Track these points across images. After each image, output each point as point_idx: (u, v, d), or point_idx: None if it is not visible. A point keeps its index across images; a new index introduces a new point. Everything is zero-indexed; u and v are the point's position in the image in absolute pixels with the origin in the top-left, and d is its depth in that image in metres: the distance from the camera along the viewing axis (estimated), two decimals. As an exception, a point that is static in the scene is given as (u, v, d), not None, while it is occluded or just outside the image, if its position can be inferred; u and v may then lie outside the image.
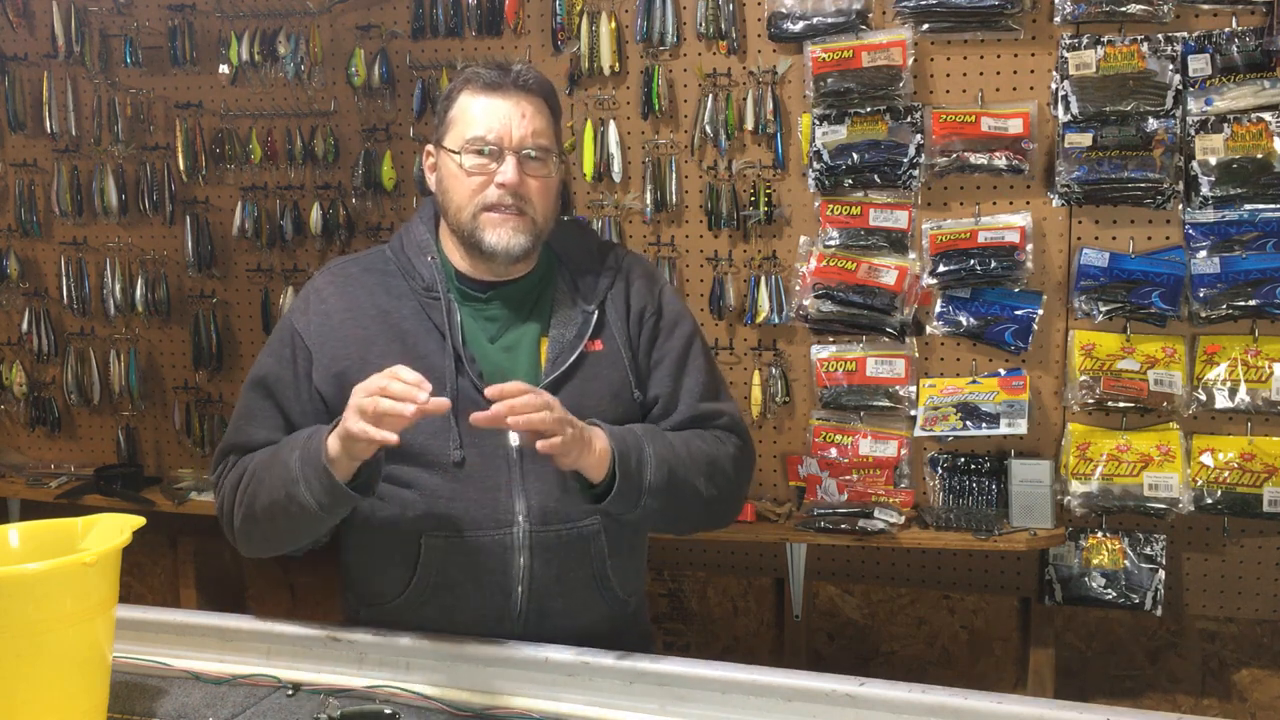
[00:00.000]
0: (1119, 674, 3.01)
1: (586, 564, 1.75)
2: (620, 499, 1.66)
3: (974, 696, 1.45)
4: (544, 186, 1.76)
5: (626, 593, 1.83)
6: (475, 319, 1.78)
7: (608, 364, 1.79)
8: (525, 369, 1.75)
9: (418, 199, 3.30)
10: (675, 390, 1.82)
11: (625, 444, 1.67)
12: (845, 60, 2.87)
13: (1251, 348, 2.74)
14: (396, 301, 1.77)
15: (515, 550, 1.71)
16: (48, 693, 1.36)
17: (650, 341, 1.84)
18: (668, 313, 1.87)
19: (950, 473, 2.95)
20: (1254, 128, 2.67)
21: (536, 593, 1.72)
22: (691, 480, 1.73)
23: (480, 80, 1.75)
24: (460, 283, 1.80)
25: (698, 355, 1.86)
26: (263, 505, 1.68)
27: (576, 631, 1.73)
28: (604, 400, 1.76)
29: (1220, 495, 2.74)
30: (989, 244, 2.84)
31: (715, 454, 1.78)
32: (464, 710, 1.57)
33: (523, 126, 1.73)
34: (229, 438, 1.81)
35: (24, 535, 1.51)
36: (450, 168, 1.75)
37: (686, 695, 1.55)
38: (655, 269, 1.99)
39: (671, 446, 1.73)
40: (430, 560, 1.72)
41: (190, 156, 3.45)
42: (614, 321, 1.81)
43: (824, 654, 3.20)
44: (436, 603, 1.73)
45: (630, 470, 1.65)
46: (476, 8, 3.18)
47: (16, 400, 3.72)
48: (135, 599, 2.24)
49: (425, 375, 1.66)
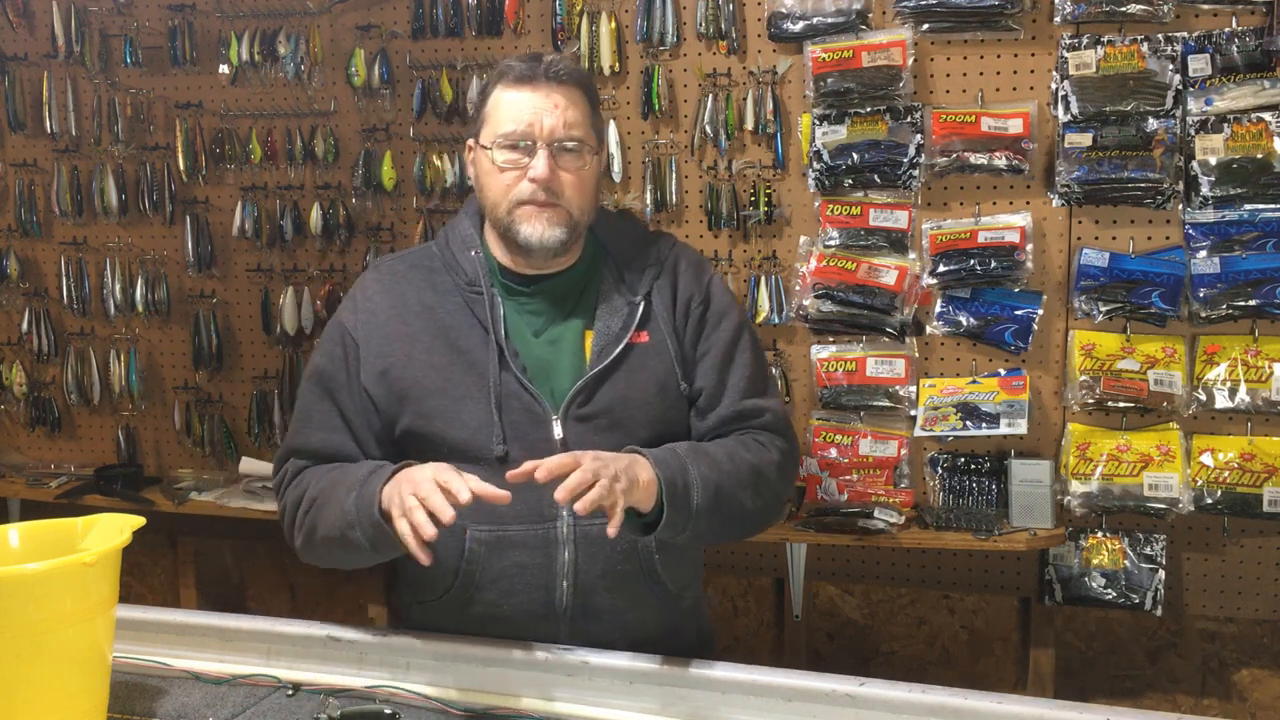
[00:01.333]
0: (1119, 674, 3.01)
1: (634, 559, 1.73)
2: (670, 527, 1.64)
3: (974, 696, 1.45)
4: (579, 179, 1.74)
5: (679, 587, 1.80)
6: (519, 313, 1.77)
7: (654, 356, 1.77)
8: (569, 363, 1.74)
9: (418, 199, 3.30)
10: (720, 385, 1.79)
11: (671, 470, 1.64)
12: (845, 60, 2.87)
13: (1251, 348, 2.75)
14: (441, 297, 1.77)
15: (559, 545, 1.70)
16: (48, 693, 1.36)
17: (697, 332, 1.81)
18: (716, 303, 1.83)
19: (950, 473, 2.95)
20: (1254, 128, 2.67)
21: (581, 588, 1.71)
22: (738, 496, 1.71)
23: (513, 74, 1.74)
24: (504, 277, 1.79)
25: (745, 349, 1.83)
26: (321, 537, 1.71)
27: (626, 628, 1.72)
28: (649, 392, 1.74)
29: (1220, 495, 2.74)
30: (989, 244, 2.84)
31: (759, 463, 1.75)
32: (464, 710, 1.57)
33: (554, 117, 1.71)
34: (290, 440, 1.82)
35: (24, 535, 1.51)
36: (485, 164, 1.75)
37: (686, 695, 1.55)
38: (704, 259, 1.94)
39: (716, 465, 1.70)
40: (475, 555, 1.71)
41: (190, 156, 3.45)
42: (660, 312, 1.79)
43: (824, 654, 3.20)
44: (482, 599, 1.73)
45: (677, 497, 1.63)
46: (476, 8, 3.18)
47: (16, 400, 3.72)
48: (135, 599, 2.24)
49: (468, 370, 1.68)
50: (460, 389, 1.71)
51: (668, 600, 1.79)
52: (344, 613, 3.57)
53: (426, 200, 3.30)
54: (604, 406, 1.72)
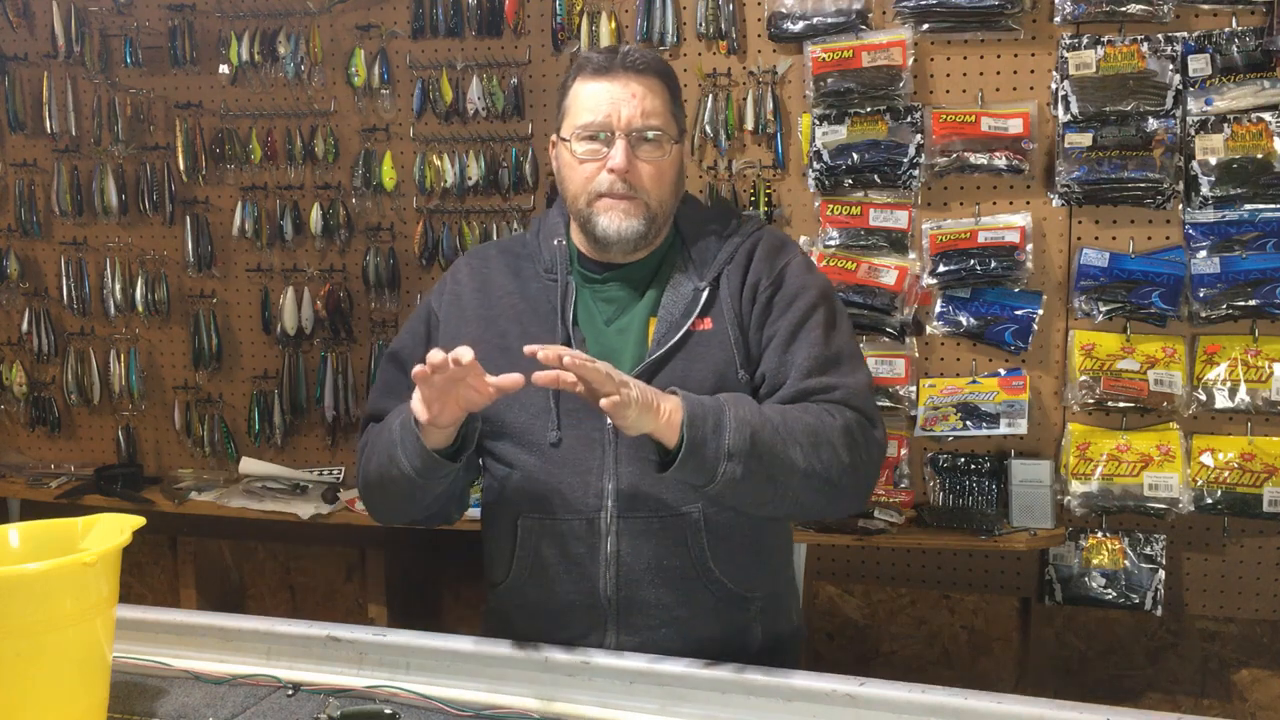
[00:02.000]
0: (1119, 674, 3.01)
1: (683, 553, 1.68)
2: (692, 463, 1.52)
3: (974, 696, 1.45)
4: (658, 169, 1.71)
5: (743, 588, 1.72)
6: (594, 300, 1.77)
7: (715, 343, 1.72)
8: (633, 350, 1.73)
9: (418, 198, 3.30)
10: (784, 366, 1.69)
11: (702, 407, 1.54)
12: (845, 60, 2.87)
13: (1251, 348, 2.74)
14: (522, 283, 1.78)
15: (601, 535, 1.68)
16: (48, 693, 1.36)
17: (762, 317, 1.74)
18: (789, 286, 1.74)
19: (950, 473, 2.95)
20: (1254, 128, 2.67)
21: (625, 580, 1.69)
22: (786, 450, 1.57)
23: (590, 65, 1.73)
24: (582, 265, 1.79)
25: (815, 327, 1.70)
26: (374, 471, 1.72)
27: (676, 624, 1.69)
28: (707, 380, 1.68)
29: (1220, 495, 2.74)
30: (989, 244, 2.84)
31: (819, 425, 1.61)
32: (464, 710, 1.57)
33: (632, 107, 1.69)
34: (368, 408, 1.86)
35: (24, 535, 1.51)
36: (566, 156, 1.74)
37: (686, 695, 1.55)
38: (788, 242, 1.82)
39: (760, 413, 1.59)
40: (526, 541, 1.72)
41: (190, 156, 3.45)
42: (726, 299, 1.74)
43: (824, 654, 3.20)
44: (534, 586, 1.73)
45: (704, 434, 1.52)
46: (476, 8, 3.18)
47: (16, 400, 3.72)
48: (135, 599, 2.24)
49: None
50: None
51: (728, 600, 1.72)
52: (344, 613, 3.57)
53: (426, 200, 3.30)
54: None
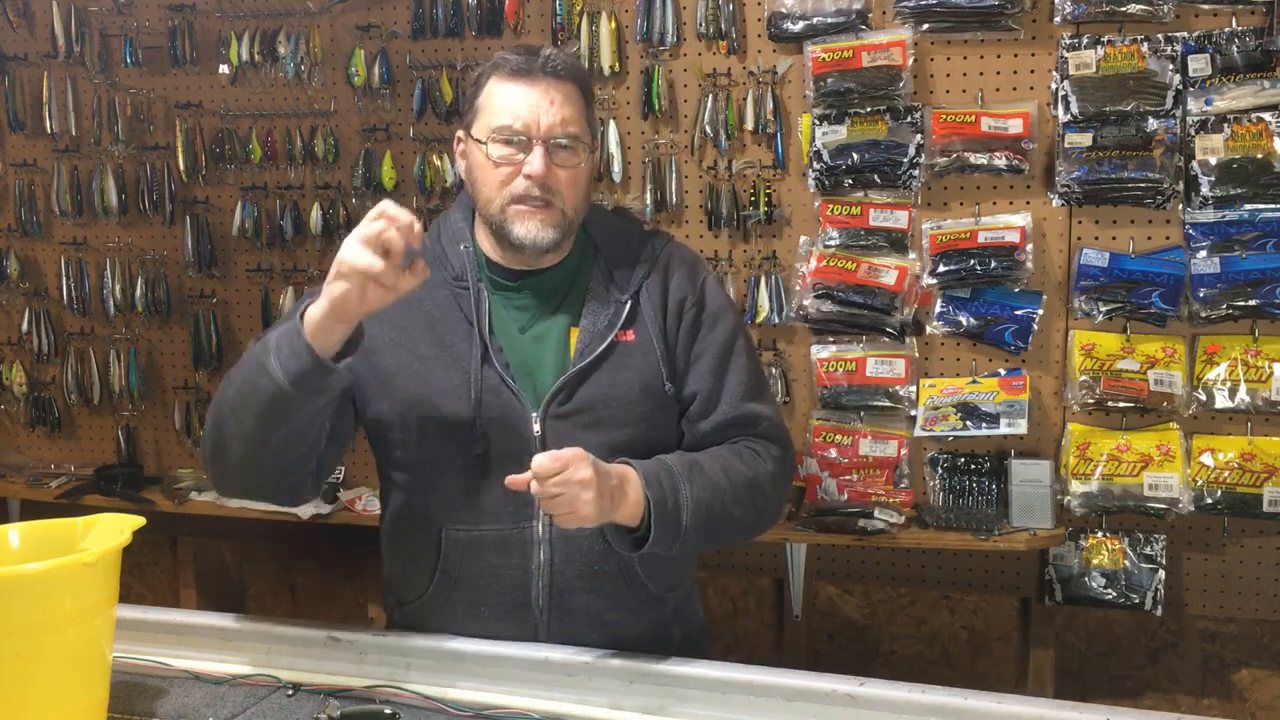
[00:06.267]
0: (1119, 674, 3.01)
1: (612, 559, 1.71)
2: (657, 546, 1.63)
3: (974, 696, 1.45)
4: (574, 177, 1.71)
5: (662, 588, 1.78)
6: (506, 308, 1.76)
7: (639, 355, 1.74)
8: (553, 359, 1.73)
9: (418, 199, 3.30)
10: (716, 389, 1.76)
11: (662, 490, 1.62)
12: (845, 60, 2.87)
13: (1251, 348, 2.74)
14: (429, 290, 1.73)
15: (535, 544, 1.69)
16: (48, 693, 1.36)
17: (691, 334, 1.78)
18: (710, 305, 1.80)
19: (950, 473, 2.95)
20: (1254, 128, 2.67)
21: (558, 588, 1.70)
22: (730, 512, 1.69)
23: (508, 66, 1.70)
24: (492, 272, 1.77)
25: (741, 353, 1.79)
26: (228, 400, 1.62)
27: (605, 628, 1.71)
28: (633, 391, 1.72)
29: (1220, 495, 2.74)
30: (989, 244, 2.84)
31: (755, 475, 1.73)
32: (464, 710, 1.57)
33: (551, 114, 1.67)
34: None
35: (24, 535, 1.51)
36: (478, 157, 1.71)
37: (686, 695, 1.55)
38: (699, 259, 1.88)
39: (710, 484, 1.67)
40: (451, 555, 1.71)
41: (190, 156, 3.45)
42: (648, 312, 1.76)
43: (824, 654, 3.20)
44: (460, 599, 1.72)
45: (666, 517, 1.61)
46: (476, 8, 3.18)
47: (16, 400, 3.72)
48: (135, 599, 2.23)
49: (452, 364, 1.67)
50: (442, 383, 1.70)
51: (650, 601, 1.77)
52: (344, 613, 3.57)
53: (426, 200, 3.30)
54: (584, 404, 1.70)
